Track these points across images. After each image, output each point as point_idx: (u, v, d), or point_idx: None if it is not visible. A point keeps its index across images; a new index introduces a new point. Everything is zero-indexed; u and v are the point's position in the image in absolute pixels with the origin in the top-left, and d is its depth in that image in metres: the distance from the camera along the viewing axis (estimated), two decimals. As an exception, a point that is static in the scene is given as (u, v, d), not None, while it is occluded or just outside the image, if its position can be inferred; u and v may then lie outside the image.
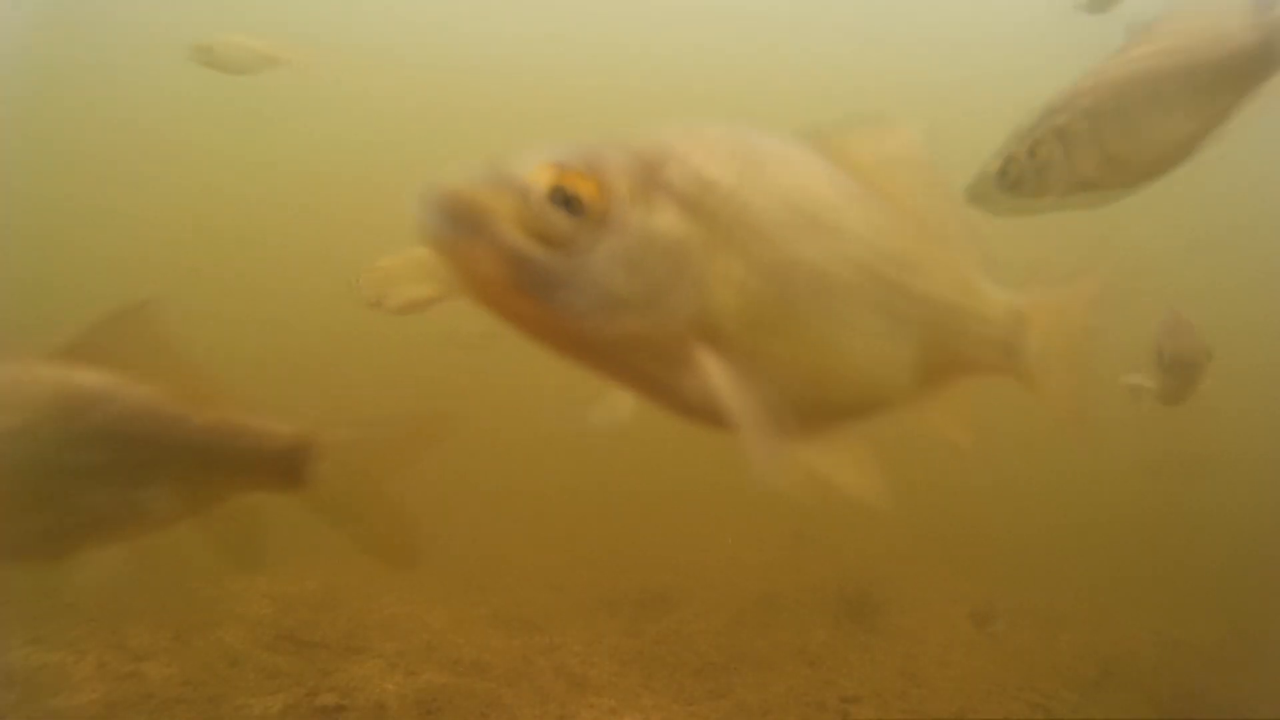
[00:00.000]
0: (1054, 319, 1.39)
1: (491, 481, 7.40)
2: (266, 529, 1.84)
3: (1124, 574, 6.07)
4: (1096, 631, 5.16)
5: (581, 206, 0.96)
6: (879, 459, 1.18)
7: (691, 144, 1.06)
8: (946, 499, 7.36)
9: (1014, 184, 2.27)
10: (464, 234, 0.95)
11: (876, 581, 5.43)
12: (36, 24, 11.11)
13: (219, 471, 1.76)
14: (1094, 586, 5.99)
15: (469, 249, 0.95)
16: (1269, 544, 6.34)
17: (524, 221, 0.96)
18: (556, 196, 0.96)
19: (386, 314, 3.89)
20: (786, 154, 1.14)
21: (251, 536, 1.83)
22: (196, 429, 1.73)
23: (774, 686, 3.99)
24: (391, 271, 3.85)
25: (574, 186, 0.96)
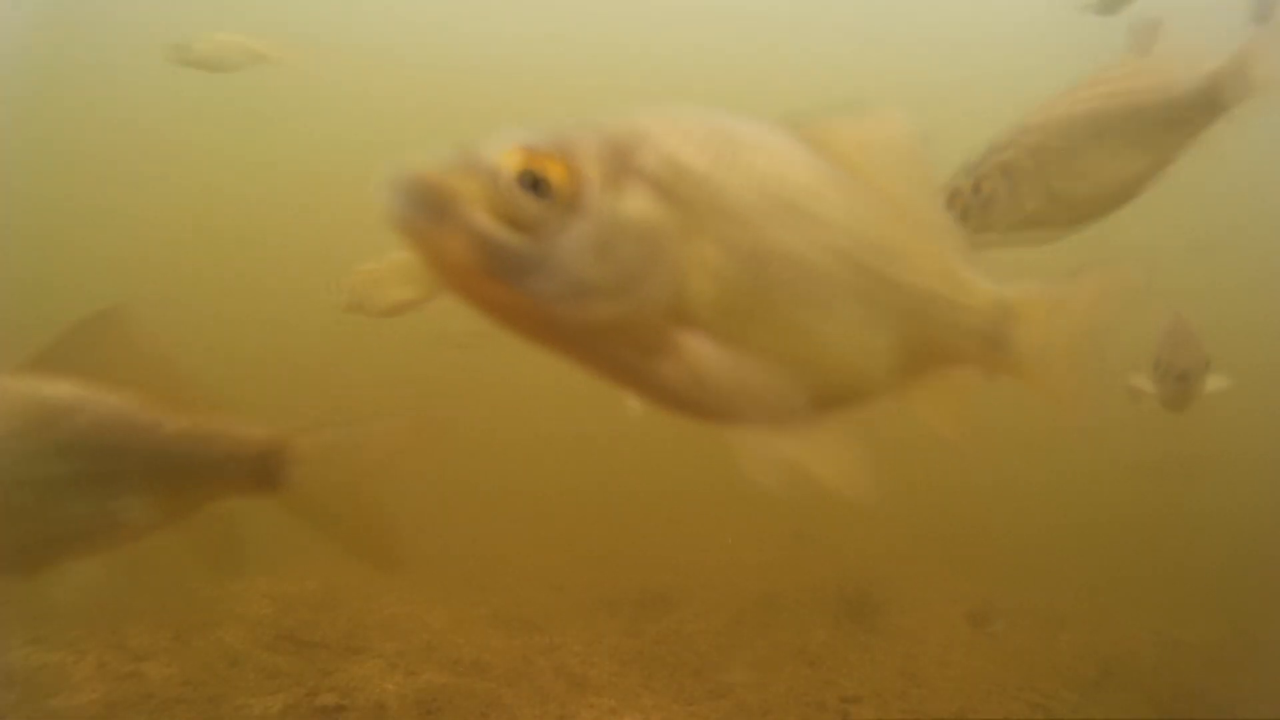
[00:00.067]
0: (1050, 313, 1.37)
1: (491, 481, 7.40)
2: (244, 534, 1.82)
3: (1124, 574, 6.06)
4: (1096, 631, 5.16)
5: (550, 190, 0.95)
6: (861, 449, 1.16)
7: (666, 128, 1.04)
8: (946, 499, 7.37)
9: (959, 218, 2.28)
10: (431, 218, 0.93)
11: (876, 581, 5.43)
12: (36, 24, 11.12)
13: (194, 478, 1.74)
14: (1094, 586, 5.99)
15: (436, 233, 0.93)
16: (1269, 544, 6.33)
17: (492, 205, 0.94)
18: (525, 180, 0.95)
19: (369, 318, 3.93)
20: (764, 139, 1.12)
21: (230, 542, 1.81)
22: (169, 436, 1.71)
23: (774, 686, 3.99)
24: (374, 275, 3.89)
25: (543, 169, 0.95)
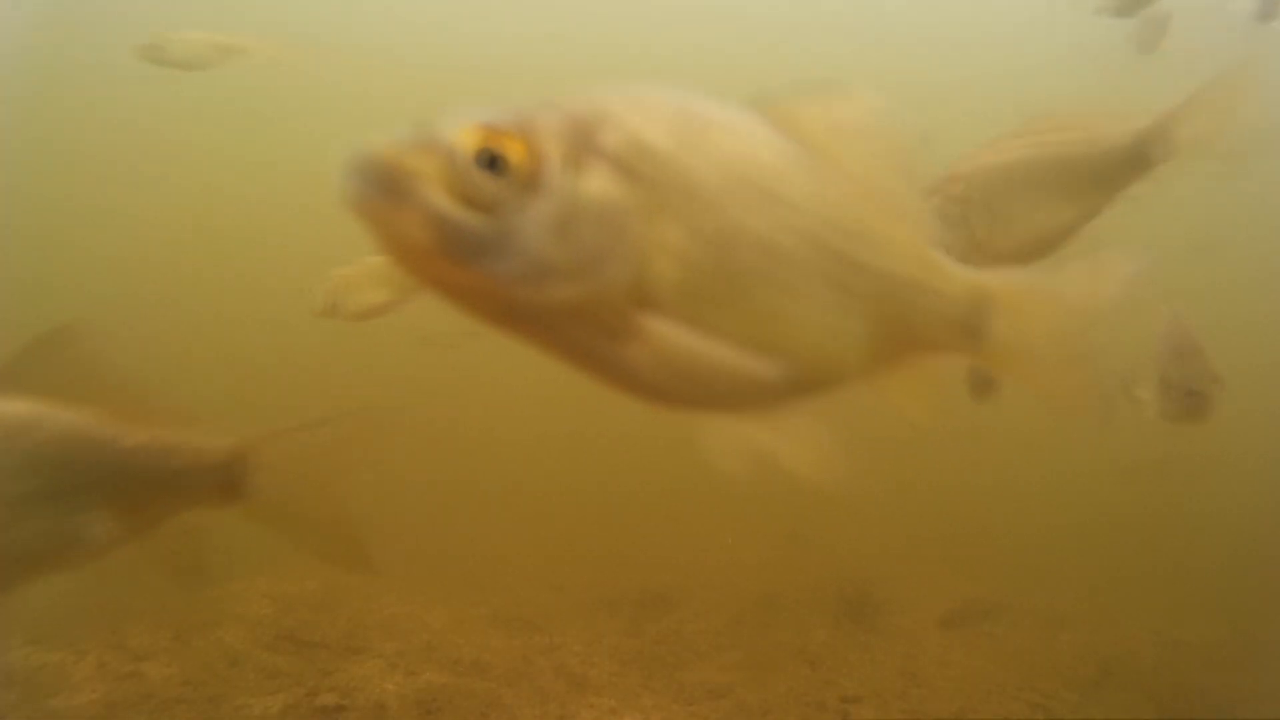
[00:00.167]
0: (1030, 301, 1.33)
1: (491, 481, 7.40)
2: (218, 542, 1.80)
3: (1124, 574, 6.06)
4: (1096, 631, 5.16)
5: (509, 168, 0.93)
6: (830, 436, 1.14)
7: (629, 106, 1.02)
8: (946, 499, 7.37)
9: None
10: (387, 198, 0.91)
11: (876, 581, 5.43)
12: (36, 24, 11.12)
13: (155, 492, 1.73)
14: (1094, 586, 5.98)
15: (392, 213, 0.91)
16: (1269, 544, 6.33)
17: (450, 184, 0.92)
18: (483, 158, 0.93)
19: (344, 321, 3.98)
20: (730, 120, 1.10)
21: (196, 554, 1.80)
22: (128, 450, 1.70)
23: (774, 686, 3.99)
24: (347, 279, 3.94)
25: (501, 148, 0.93)
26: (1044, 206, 2.20)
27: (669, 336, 0.99)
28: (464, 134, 0.93)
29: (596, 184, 0.96)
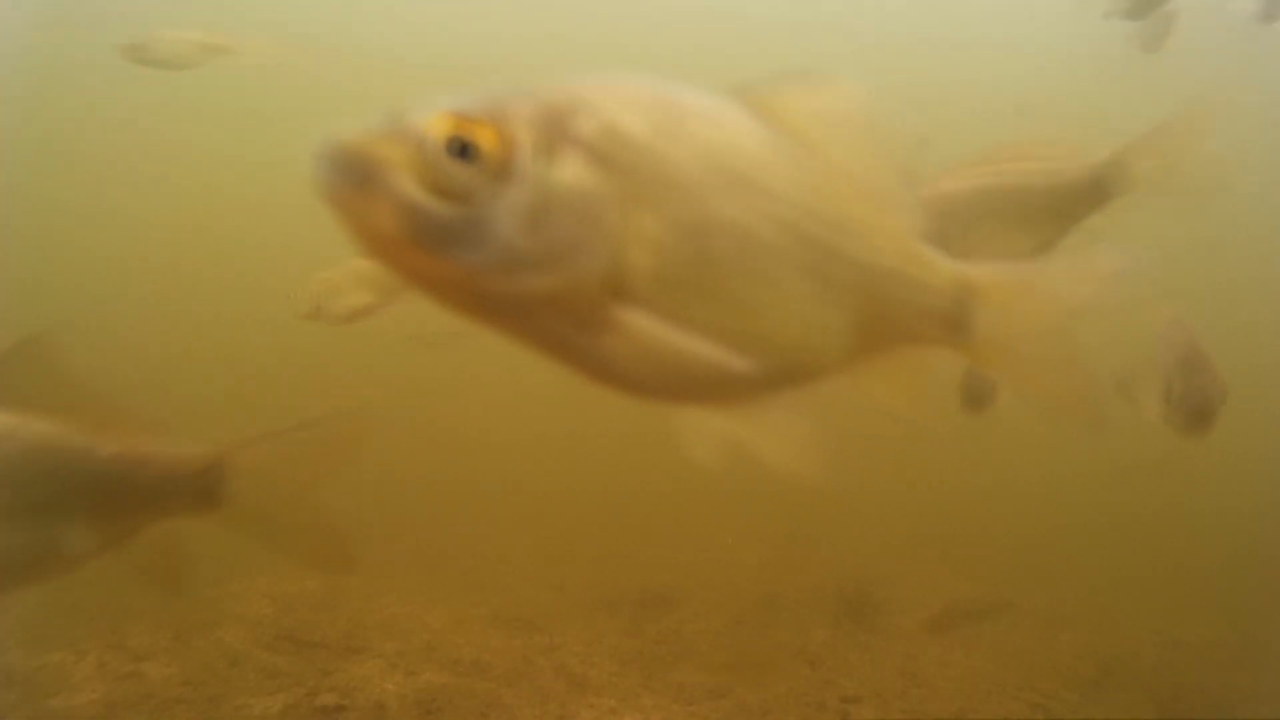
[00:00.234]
0: (1016, 295, 1.31)
1: (491, 481, 7.40)
2: (192, 551, 1.79)
3: (1124, 574, 6.06)
4: (1096, 631, 5.16)
5: (480, 156, 0.91)
6: (808, 429, 1.12)
7: (605, 94, 1.00)
8: (946, 499, 7.37)
9: None
10: (356, 186, 0.90)
11: (876, 581, 5.43)
12: (36, 24, 11.12)
13: (132, 501, 1.71)
14: (1094, 586, 5.98)
15: (362, 201, 0.90)
16: (1269, 544, 6.34)
17: (420, 172, 0.91)
18: (454, 146, 0.91)
19: (329, 324, 4.00)
20: (709, 107, 1.09)
21: (174, 562, 1.78)
22: (103, 460, 1.68)
23: (774, 686, 3.99)
24: (331, 283, 3.95)
25: (473, 135, 0.91)
26: (1001, 235, 2.21)
27: (644, 328, 0.97)
28: (435, 122, 0.92)
29: (570, 172, 0.95)
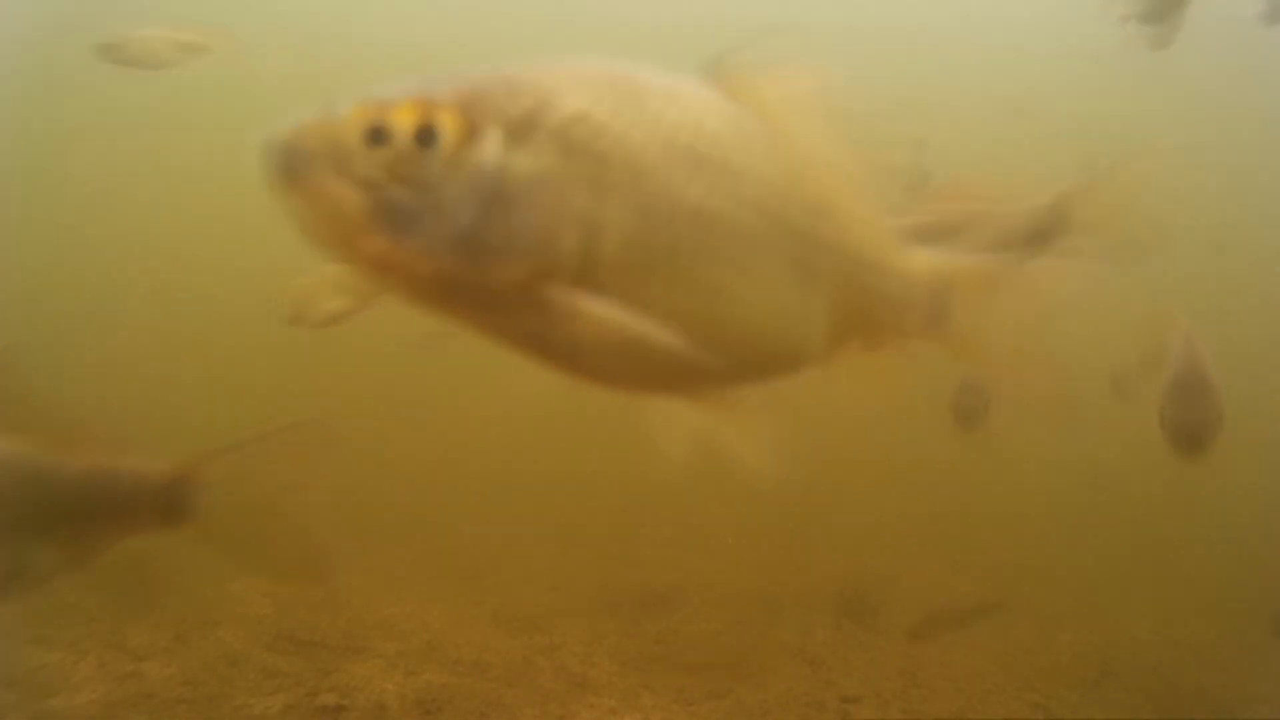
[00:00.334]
0: (992, 287, 1.30)
1: (491, 481, 7.39)
2: (155, 568, 1.78)
3: (1124, 573, 6.06)
4: (1096, 631, 5.16)
5: (441, 141, 0.91)
6: (774, 423, 1.10)
7: (567, 77, 1.00)
8: (947, 498, 7.36)
9: None
10: (312, 171, 0.90)
11: (876, 581, 5.43)
12: (36, 24, 11.12)
13: (99, 518, 1.68)
14: (1094, 586, 5.98)
15: (317, 187, 0.90)
16: (1269, 544, 6.33)
17: (382, 158, 0.91)
18: (416, 132, 0.91)
19: (310, 329, 4.03)
20: (676, 91, 1.07)
21: (143, 578, 1.78)
22: (68, 478, 1.65)
23: (774, 686, 3.99)
24: (310, 288, 3.98)
25: (434, 121, 0.92)
26: None
27: (605, 316, 0.96)
28: (393, 107, 0.92)
29: (531, 157, 0.94)
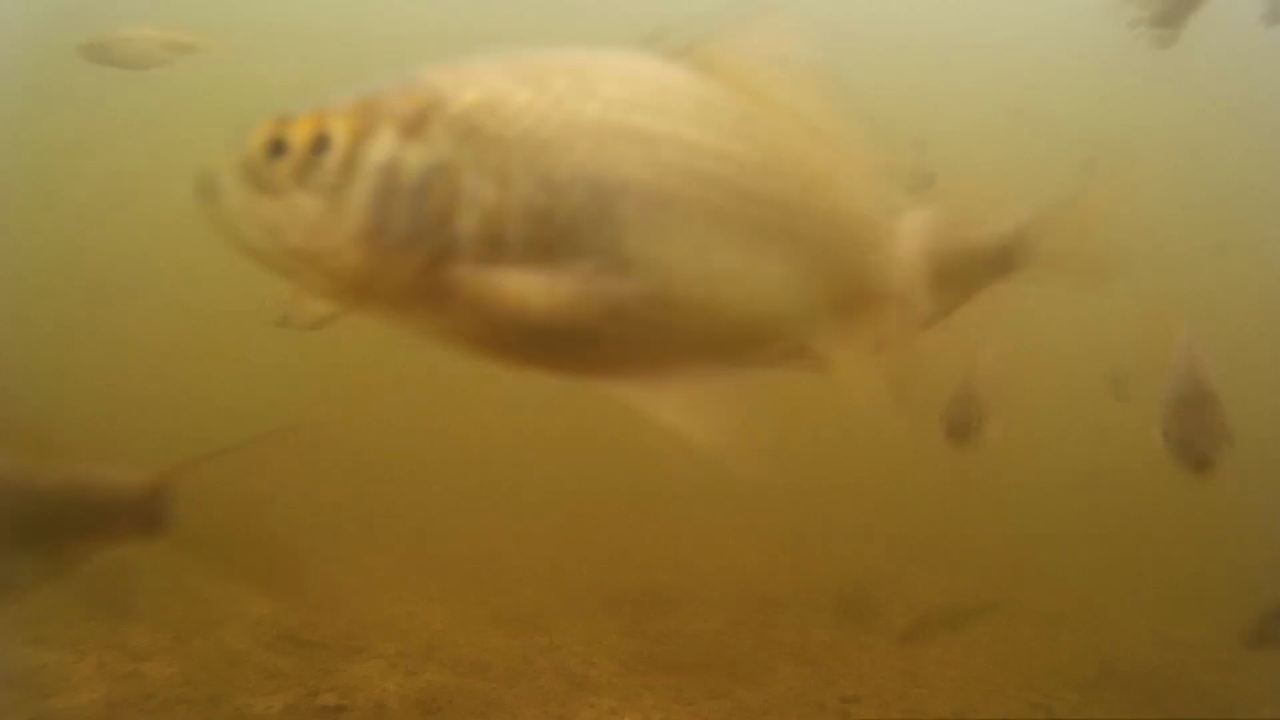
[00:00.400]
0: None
1: (492, 482, 7.40)
2: (132, 578, 1.76)
3: (1124, 574, 6.06)
4: (1096, 631, 5.16)
5: (330, 146, 0.97)
6: (742, 410, 1.06)
7: (484, 71, 1.02)
8: (947, 499, 7.36)
9: None
10: (223, 188, 0.98)
11: (876, 581, 5.43)
12: (37, 24, 11.12)
13: (75, 531, 1.67)
14: (1094, 586, 5.99)
15: (229, 201, 0.98)
16: (1269, 544, 6.33)
17: (279, 167, 0.97)
18: (305, 140, 0.97)
19: (297, 330, 4.04)
20: (620, 69, 1.07)
21: (119, 587, 1.75)
22: (43, 491, 1.64)
23: (774, 686, 3.99)
24: (294, 291, 3.99)
25: (324, 128, 0.97)
26: None
27: (516, 286, 0.97)
28: (293, 123, 0.98)
29: (424, 149, 0.98)
